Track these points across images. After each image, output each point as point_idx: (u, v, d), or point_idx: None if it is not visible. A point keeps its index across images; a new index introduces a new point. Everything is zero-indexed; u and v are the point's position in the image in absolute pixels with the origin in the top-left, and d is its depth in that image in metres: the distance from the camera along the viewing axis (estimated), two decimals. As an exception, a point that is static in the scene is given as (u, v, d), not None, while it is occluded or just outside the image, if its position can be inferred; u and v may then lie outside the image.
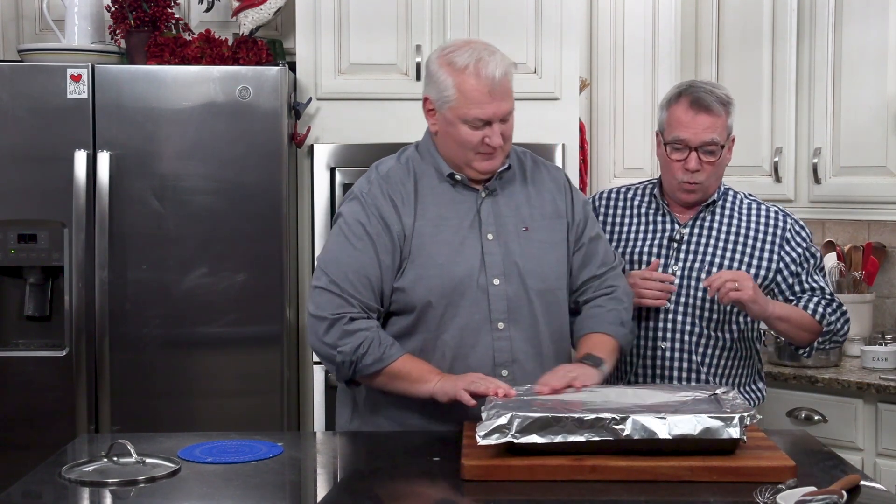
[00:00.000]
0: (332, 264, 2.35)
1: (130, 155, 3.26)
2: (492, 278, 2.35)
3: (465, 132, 2.32)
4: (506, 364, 2.34)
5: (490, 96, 2.29)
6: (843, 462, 2.12)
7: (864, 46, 3.47)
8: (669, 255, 2.68)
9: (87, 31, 3.50)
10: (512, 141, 2.41)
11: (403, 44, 3.52)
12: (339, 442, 2.43)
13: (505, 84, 2.31)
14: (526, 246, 2.39)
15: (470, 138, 2.32)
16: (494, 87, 2.29)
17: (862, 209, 3.54)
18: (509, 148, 2.41)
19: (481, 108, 2.29)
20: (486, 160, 2.35)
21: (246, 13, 3.49)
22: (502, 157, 2.38)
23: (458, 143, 2.34)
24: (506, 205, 2.41)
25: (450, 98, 2.31)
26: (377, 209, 2.35)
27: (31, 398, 3.25)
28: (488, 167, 2.37)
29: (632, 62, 3.91)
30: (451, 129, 2.34)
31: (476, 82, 2.29)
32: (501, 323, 2.35)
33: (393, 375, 2.29)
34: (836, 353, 3.50)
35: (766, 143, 3.72)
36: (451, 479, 1.96)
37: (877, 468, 3.22)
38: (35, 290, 3.30)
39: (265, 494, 1.95)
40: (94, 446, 2.28)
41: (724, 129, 2.60)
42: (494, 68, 2.29)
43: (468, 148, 2.34)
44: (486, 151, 2.34)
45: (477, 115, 2.30)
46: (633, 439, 1.95)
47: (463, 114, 2.31)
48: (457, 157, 2.38)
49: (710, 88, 2.64)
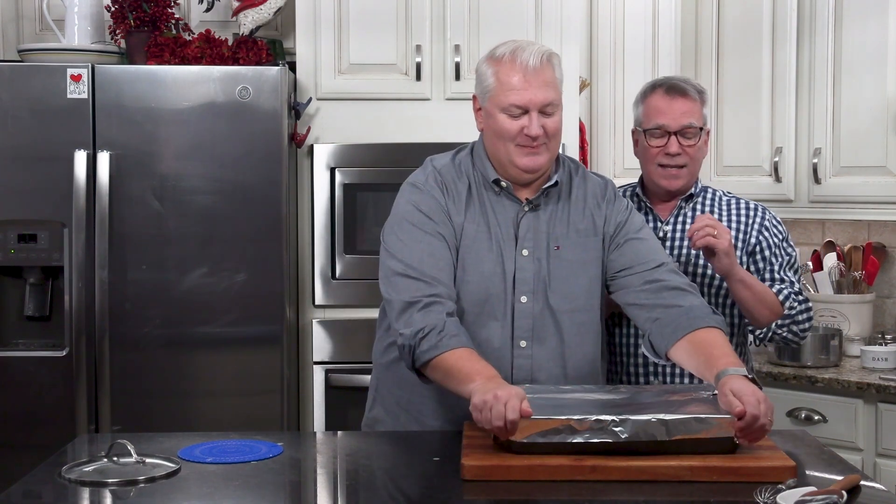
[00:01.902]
0: (404, 251, 2.28)
1: (130, 155, 3.26)
2: (520, 295, 2.31)
3: (503, 121, 2.29)
4: (523, 382, 2.27)
5: (525, 82, 2.26)
6: (843, 462, 2.12)
7: (864, 46, 3.47)
8: None
9: (87, 31, 3.50)
10: (559, 141, 2.35)
11: (403, 44, 3.52)
12: (339, 442, 2.43)
13: (543, 73, 2.28)
14: (556, 265, 2.33)
15: (508, 127, 2.28)
16: (529, 74, 2.26)
17: (862, 209, 3.54)
18: (555, 148, 2.34)
19: (517, 94, 2.26)
20: (527, 155, 2.29)
21: (246, 13, 3.49)
22: (547, 156, 2.31)
23: (498, 136, 2.30)
24: (545, 221, 2.35)
25: (489, 88, 2.31)
26: (436, 199, 2.33)
27: (31, 398, 3.25)
28: (530, 163, 2.30)
29: (632, 62, 3.91)
30: (491, 121, 2.31)
31: (511, 68, 2.28)
32: (524, 341, 2.31)
33: (445, 370, 2.15)
34: (836, 352, 3.50)
35: (766, 143, 3.72)
36: (451, 479, 1.96)
37: (877, 468, 3.22)
38: (35, 290, 3.30)
39: (265, 494, 1.95)
40: (94, 446, 2.28)
41: (700, 115, 2.64)
42: (529, 55, 2.27)
43: (507, 139, 2.29)
44: (526, 143, 2.28)
45: (513, 101, 2.27)
46: (632, 440, 1.95)
47: (500, 101, 2.28)
48: (499, 153, 2.32)
49: (683, 78, 2.74)
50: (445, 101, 3.52)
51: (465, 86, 3.51)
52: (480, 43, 3.50)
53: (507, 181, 2.34)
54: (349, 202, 3.47)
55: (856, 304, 3.70)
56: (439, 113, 3.51)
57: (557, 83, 2.32)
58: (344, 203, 3.45)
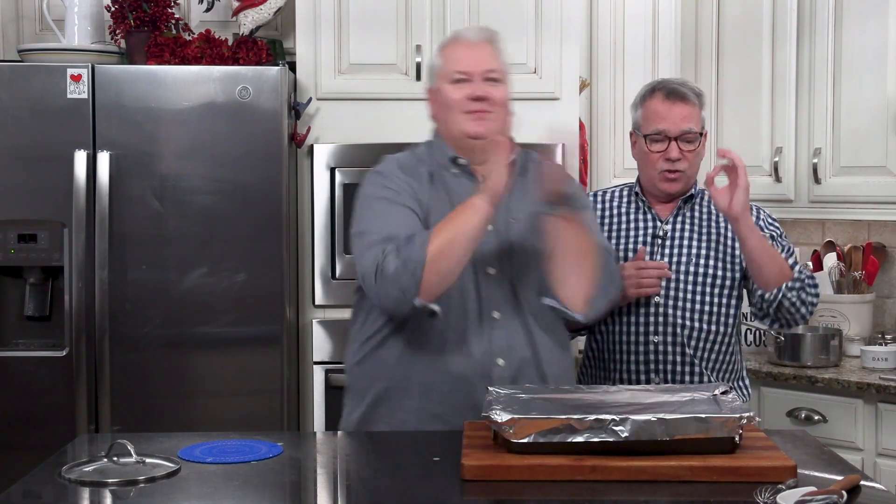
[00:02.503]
0: (377, 223, 2.32)
1: (130, 155, 3.26)
2: (487, 267, 2.38)
3: (449, 91, 2.39)
4: (502, 352, 2.35)
5: (468, 51, 2.40)
6: (843, 462, 2.12)
7: (864, 46, 3.47)
8: (654, 252, 2.71)
9: (87, 31, 3.50)
10: (507, 113, 2.42)
11: (403, 44, 3.52)
12: (339, 442, 2.43)
13: (485, 46, 2.42)
14: (519, 238, 2.42)
15: (454, 95, 2.38)
16: (470, 46, 2.42)
17: (862, 209, 3.54)
18: (504, 119, 2.40)
19: (460, 63, 2.39)
20: (475, 120, 2.37)
21: (246, 13, 3.49)
22: (495, 124, 2.38)
23: (447, 108, 2.40)
24: (507, 197, 2.39)
25: (437, 68, 2.44)
26: (400, 179, 2.40)
27: (31, 398, 3.25)
28: (478, 128, 2.37)
29: (632, 62, 3.91)
30: (440, 96, 2.41)
31: (454, 45, 2.45)
32: (496, 312, 2.38)
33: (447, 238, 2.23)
34: (836, 352, 3.50)
35: (766, 143, 3.72)
36: (451, 479, 1.96)
37: (877, 468, 3.22)
38: (35, 290, 3.30)
39: (265, 494, 1.95)
40: (94, 446, 2.28)
41: (699, 119, 2.67)
42: (470, 33, 2.47)
43: (455, 108, 2.38)
44: (472, 109, 2.36)
45: (456, 67, 2.39)
46: (632, 440, 1.95)
47: (446, 73, 2.40)
48: (451, 128, 2.40)
49: (681, 81, 2.74)
50: (445, 101, 3.52)
51: (465, 86, 3.51)
52: (480, 43, 3.50)
53: (466, 159, 2.42)
54: (349, 202, 3.45)
55: (856, 304, 3.70)
56: (439, 113, 3.51)
57: (500, 59, 2.43)
58: (344, 203, 3.45)
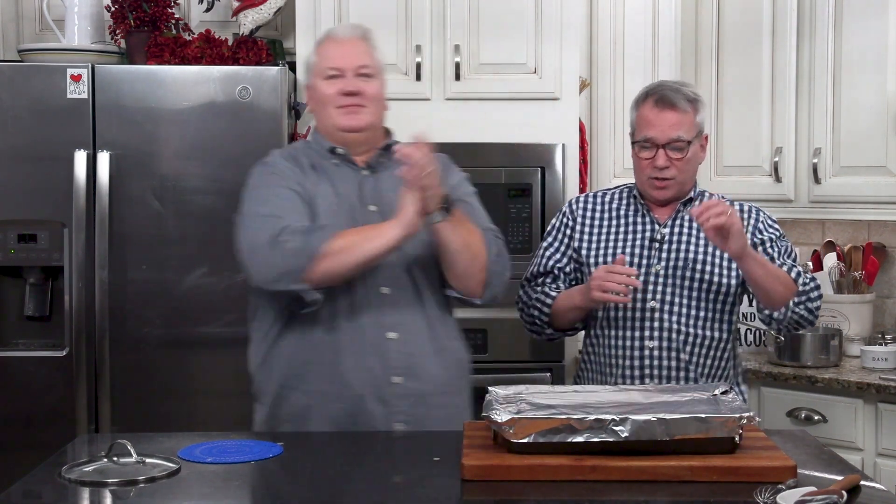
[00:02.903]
0: (262, 205, 2.42)
1: (130, 155, 3.26)
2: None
3: (323, 86, 2.48)
4: (393, 326, 2.42)
5: (339, 49, 2.49)
6: (843, 462, 2.12)
7: (864, 46, 3.47)
8: (651, 255, 2.68)
9: (87, 31, 3.51)
10: (381, 107, 2.52)
11: (403, 44, 3.52)
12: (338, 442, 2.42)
13: (356, 43, 2.51)
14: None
15: (327, 91, 2.47)
16: (342, 43, 2.50)
17: (862, 209, 3.54)
18: (378, 112, 2.51)
19: (332, 60, 2.48)
20: (347, 114, 2.47)
21: (246, 13, 3.49)
22: (368, 118, 2.48)
23: (322, 103, 2.49)
24: (388, 182, 2.48)
25: (313, 65, 2.53)
26: (284, 166, 2.49)
27: (31, 398, 3.25)
28: (352, 122, 2.47)
29: (632, 62, 3.91)
30: (316, 92, 2.51)
31: (327, 43, 2.53)
32: (386, 288, 2.44)
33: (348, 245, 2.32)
34: (836, 352, 3.50)
35: (766, 143, 3.72)
36: (451, 479, 1.96)
37: (877, 468, 3.22)
38: (35, 290, 3.31)
39: (265, 494, 1.95)
40: (94, 446, 2.28)
41: (691, 126, 2.63)
42: (342, 30, 2.56)
43: (328, 103, 2.48)
44: (344, 104, 2.46)
45: (328, 64, 2.48)
46: (632, 440, 1.95)
47: (320, 70, 2.50)
48: (326, 122, 2.51)
49: (676, 87, 2.69)
50: (445, 101, 3.52)
51: (465, 86, 3.52)
52: (480, 43, 3.51)
53: (344, 149, 2.51)
54: (349, 202, 3.47)
55: (856, 304, 3.70)
56: (439, 113, 3.51)
57: (373, 55, 2.53)
58: (344, 203, 3.45)
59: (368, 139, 2.52)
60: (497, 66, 3.52)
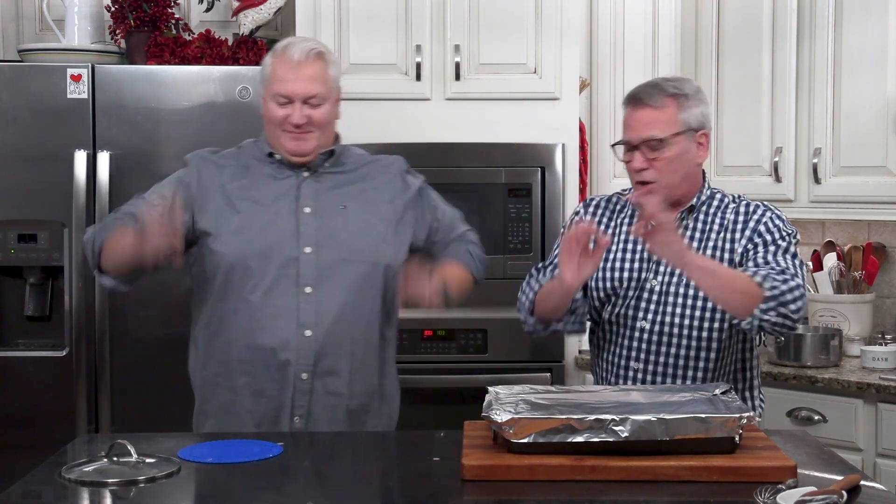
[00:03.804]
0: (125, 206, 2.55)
1: (130, 155, 3.26)
2: (304, 246, 2.47)
3: (272, 108, 2.49)
4: (310, 325, 2.44)
5: (292, 73, 2.46)
6: (843, 462, 2.12)
7: (864, 46, 3.47)
8: (649, 269, 2.49)
9: (87, 31, 3.51)
10: (330, 130, 2.53)
11: (403, 44, 3.52)
12: (338, 442, 2.42)
13: (308, 68, 2.47)
14: (343, 221, 2.51)
15: (275, 113, 2.48)
16: (294, 67, 2.46)
17: (862, 209, 3.54)
18: (326, 136, 2.53)
19: (282, 85, 2.46)
20: (293, 140, 2.48)
21: (246, 13, 3.50)
22: (314, 143, 2.50)
23: (269, 120, 2.51)
24: (328, 184, 2.54)
25: (266, 77, 2.52)
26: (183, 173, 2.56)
27: (31, 398, 3.25)
28: (295, 147, 2.49)
29: (632, 62, 3.91)
30: (265, 108, 2.52)
31: (280, 60, 2.48)
32: (309, 287, 2.46)
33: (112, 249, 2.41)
34: (836, 352, 3.50)
35: (766, 143, 3.72)
36: (451, 479, 1.96)
37: (877, 468, 3.22)
38: (35, 290, 3.31)
39: (265, 494, 1.95)
40: (94, 446, 2.28)
41: (670, 123, 2.40)
42: (296, 51, 2.47)
43: (275, 124, 2.49)
44: (290, 130, 2.47)
45: (277, 90, 2.47)
46: (632, 440, 1.95)
47: (270, 90, 2.49)
48: (272, 136, 2.52)
49: (657, 82, 2.48)
50: (445, 101, 3.53)
51: (465, 86, 3.52)
52: (480, 43, 3.51)
53: (281, 154, 2.53)
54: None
55: (856, 304, 3.70)
56: (439, 113, 3.51)
57: (327, 78, 2.50)
58: (344, 203, 3.45)
59: (312, 159, 2.54)
60: (497, 66, 3.52)
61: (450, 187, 3.47)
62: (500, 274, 3.47)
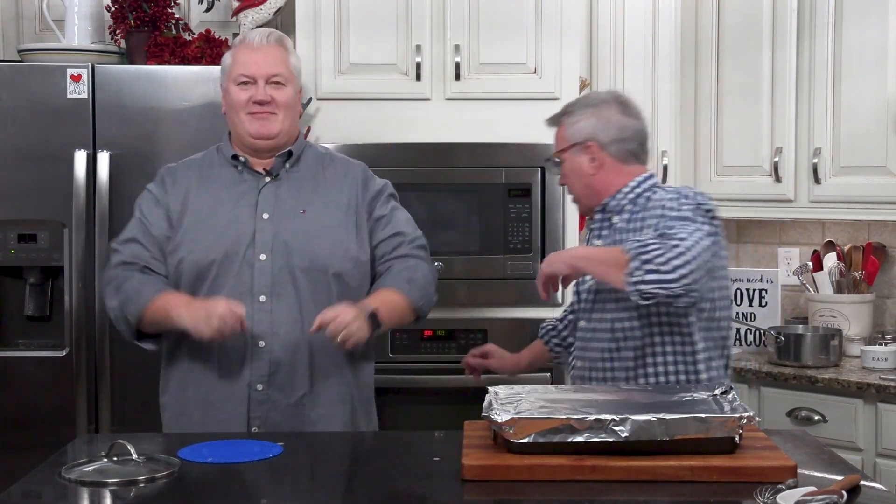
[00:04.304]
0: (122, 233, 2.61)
1: (130, 155, 3.26)
2: (259, 254, 2.46)
3: (235, 92, 2.52)
4: (264, 336, 2.44)
5: (253, 54, 2.52)
6: (843, 462, 2.12)
7: (864, 46, 3.47)
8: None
9: (87, 31, 3.51)
10: (292, 114, 2.56)
11: (403, 44, 3.52)
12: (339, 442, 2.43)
13: (270, 50, 2.53)
14: (300, 227, 2.50)
15: (239, 97, 2.51)
16: (255, 49, 2.52)
17: (862, 209, 3.54)
18: (288, 120, 2.54)
19: (245, 66, 2.52)
20: (257, 121, 2.51)
21: (246, 13, 3.50)
22: (278, 126, 2.52)
23: (232, 108, 2.53)
24: (288, 189, 2.54)
25: (227, 67, 2.56)
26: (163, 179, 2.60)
27: (31, 398, 3.25)
28: (261, 129, 2.51)
29: (632, 62, 3.91)
30: (228, 97, 2.55)
31: (242, 48, 2.56)
32: (263, 296, 2.45)
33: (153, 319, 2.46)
34: (836, 352, 3.51)
35: (766, 143, 3.72)
36: (451, 479, 1.96)
37: (877, 468, 3.22)
38: (35, 290, 3.31)
39: (265, 494, 1.95)
40: (94, 446, 2.28)
41: (560, 141, 2.55)
42: (256, 35, 2.55)
43: (239, 108, 2.51)
44: (255, 111, 2.50)
45: (241, 71, 2.51)
46: (632, 440, 1.95)
47: (233, 75, 2.53)
48: (236, 126, 2.54)
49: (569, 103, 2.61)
50: (445, 101, 3.52)
51: (465, 86, 3.52)
52: (480, 43, 3.51)
53: (244, 156, 2.55)
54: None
55: (856, 304, 3.70)
56: (439, 113, 3.51)
57: (287, 61, 2.56)
58: (344, 203, 3.45)
59: (278, 145, 2.56)
60: (497, 66, 3.52)
61: (450, 187, 3.48)
62: (500, 274, 3.47)
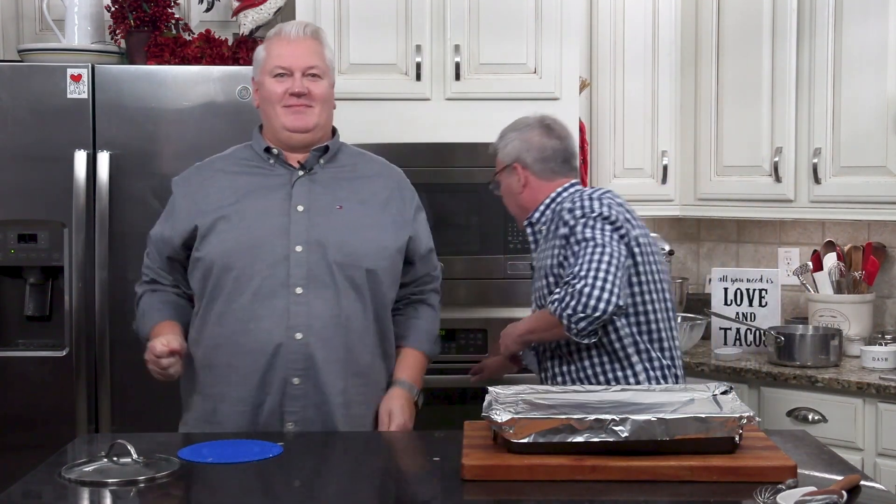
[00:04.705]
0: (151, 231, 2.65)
1: (130, 155, 3.26)
2: (294, 245, 2.43)
3: (271, 84, 2.50)
4: (300, 327, 2.41)
5: (289, 48, 2.49)
6: (843, 462, 2.12)
7: (864, 46, 3.47)
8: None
9: (87, 31, 3.51)
10: (328, 109, 2.54)
11: (403, 44, 3.52)
12: (339, 442, 2.43)
13: (306, 42, 2.51)
14: (337, 222, 2.48)
15: (275, 89, 2.49)
16: (292, 42, 2.50)
17: (862, 209, 3.54)
18: (324, 114, 2.53)
19: (281, 58, 2.49)
20: (293, 114, 2.48)
21: (246, 13, 3.50)
22: (314, 118, 2.50)
23: (268, 101, 2.51)
24: (323, 184, 2.51)
25: (261, 61, 2.54)
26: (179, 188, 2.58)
27: (31, 398, 3.25)
28: (297, 122, 2.49)
29: (632, 62, 3.92)
30: (263, 90, 2.53)
31: (277, 41, 2.53)
32: (300, 288, 2.42)
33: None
34: (836, 352, 3.50)
35: (766, 143, 3.72)
36: (451, 479, 1.96)
37: (877, 468, 3.22)
38: (35, 290, 3.30)
39: (265, 494, 1.95)
40: (94, 446, 2.28)
41: (497, 165, 2.84)
42: (293, 28, 2.52)
43: (275, 101, 2.49)
44: (291, 104, 2.48)
45: (277, 63, 2.49)
46: (632, 440, 1.95)
47: (268, 67, 2.51)
48: (272, 120, 2.52)
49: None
50: (445, 101, 3.52)
51: (466, 86, 3.52)
52: (480, 43, 3.51)
53: (278, 149, 2.53)
54: (349, 202, 3.47)
55: (856, 304, 3.70)
56: (439, 113, 3.51)
57: (323, 54, 2.54)
58: (344, 203, 3.45)
59: (314, 139, 2.53)
60: (497, 66, 3.52)
61: (450, 187, 3.48)
62: (500, 274, 3.47)
